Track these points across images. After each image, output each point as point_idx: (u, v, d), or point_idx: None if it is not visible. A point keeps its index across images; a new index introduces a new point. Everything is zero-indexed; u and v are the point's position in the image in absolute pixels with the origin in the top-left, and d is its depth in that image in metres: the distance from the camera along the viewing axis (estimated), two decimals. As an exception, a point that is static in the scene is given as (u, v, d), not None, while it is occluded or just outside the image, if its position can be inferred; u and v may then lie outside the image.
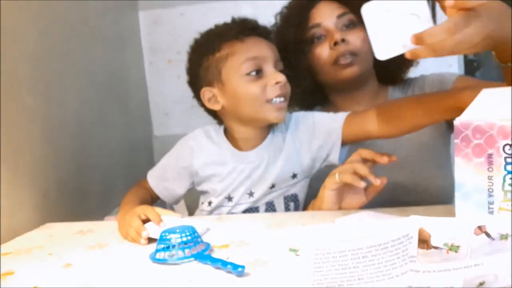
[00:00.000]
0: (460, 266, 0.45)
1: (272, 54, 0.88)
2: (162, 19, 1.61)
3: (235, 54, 0.86)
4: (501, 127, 0.55)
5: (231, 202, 0.93)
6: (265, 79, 0.86)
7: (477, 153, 0.56)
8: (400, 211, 0.80)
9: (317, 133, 0.92)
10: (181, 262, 0.65)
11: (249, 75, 0.85)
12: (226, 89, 0.88)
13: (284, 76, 0.86)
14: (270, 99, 0.85)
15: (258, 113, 0.87)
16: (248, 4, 1.56)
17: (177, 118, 1.65)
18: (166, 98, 1.65)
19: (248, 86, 0.85)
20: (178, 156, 0.96)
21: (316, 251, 0.41)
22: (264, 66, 0.86)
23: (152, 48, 1.63)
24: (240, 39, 0.87)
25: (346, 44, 0.97)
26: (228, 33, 0.88)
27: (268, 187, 0.92)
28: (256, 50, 0.86)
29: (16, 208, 0.92)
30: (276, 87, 0.85)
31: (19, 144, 0.94)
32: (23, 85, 0.97)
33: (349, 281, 0.43)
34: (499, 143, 0.55)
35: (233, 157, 0.92)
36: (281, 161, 0.92)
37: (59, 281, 0.63)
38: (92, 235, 0.84)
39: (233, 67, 0.86)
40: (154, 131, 1.66)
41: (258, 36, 0.89)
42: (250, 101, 0.86)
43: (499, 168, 0.55)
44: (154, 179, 0.98)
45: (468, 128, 0.56)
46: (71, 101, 1.15)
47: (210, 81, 0.89)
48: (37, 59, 1.02)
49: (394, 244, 0.43)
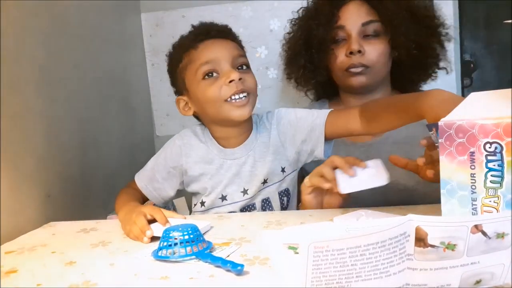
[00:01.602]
0: (457, 264, 0.46)
1: (227, 53, 0.89)
2: (164, 21, 1.62)
3: (192, 61, 0.90)
4: (481, 126, 0.56)
5: (226, 201, 0.95)
6: (221, 79, 0.88)
7: (460, 151, 0.58)
8: (398, 210, 0.81)
9: (300, 128, 0.93)
10: (183, 260, 0.66)
11: (205, 79, 0.88)
12: (192, 95, 0.92)
13: (238, 73, 0.87)
14: (227, 98, 0.87)
15: (220, 114, 0.89)
16: (248, 5, 1.56)
17: (178, 118, 1.65)
18: (168, 99, 1.65)
19: (205, 89, 0.88)
20: (167, 156, 0.98)
21: (315, 248, 0.42)
22: (219, 67, 0.88)
23: (154, 49, 1.64)
24: (194, 46, 0.91)
25: (361, 55, 1.00)
26: (185, 43, 0.93)
27: (260, 182, 0.94)
28: (208, 54, 0.89)
29: (20, 207, 0.93)
30: (232, 85, 0.87)
31: (22, 144, 0.95)
32: (27, 86, 0.98)
33: (347, 279, 0.43)
34: (480, 141, 0.56)
35: (219, 154, 0.95)
36: (269, 156, 0.94)
37: (62, 279, 0.64)
38: (95, 233, 0.85)
39: (191, 74, 0.90)
40: (156, 131, 1.67)
41: (212, 39, 0.91)
42: (210, 103, 0.89)
43: (480, 166, 0.57)
44: (142, 181, 0.99)
45: (451, 127, 0.58)
46: (74, 101, 1.16)
47: (181, 91, 0.95)
48: (40, 60, 1.03)
49: (391, 242, 0.43)
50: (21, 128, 0.95)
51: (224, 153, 0.94)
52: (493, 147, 0.56)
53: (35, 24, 1.02)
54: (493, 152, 0.56)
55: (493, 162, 0.56)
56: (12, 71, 0.93)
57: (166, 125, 1.67)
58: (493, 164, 0.56)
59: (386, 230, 0.43)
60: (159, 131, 1.67)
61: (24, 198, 0.95)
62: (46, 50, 1.05)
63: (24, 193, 0.95)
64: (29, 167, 0.97)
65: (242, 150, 0.94)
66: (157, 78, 1.65)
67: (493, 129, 0.56)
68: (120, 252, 0.73)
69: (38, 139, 1.01)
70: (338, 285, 0.43)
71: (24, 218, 0.93)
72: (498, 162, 0.56)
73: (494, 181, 0.56)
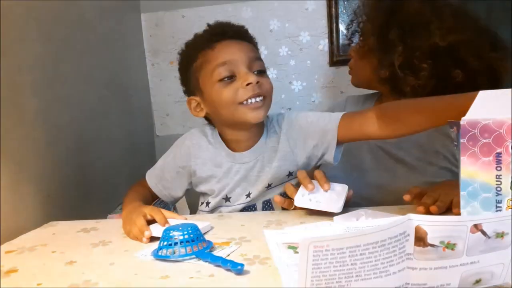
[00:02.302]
0: (457, 264, 0.46)
1: (244, 55, 0.87)
2: (163, 21, 1.62)
3: (207, 62, 0.88)
4: (509, 126, 0.55)
5: (229, 202, 0.95)
6: (237, 82, 0.86)
7: (485, 152, 0.56)
8: (398, 210, 0.81)
9: (311, 133, 0.92)
10: (183, 259, 0.66)
11: (222, 80, 0.86)
12: (205, 96, 0.90)
13: (256, 77, 0.85)
14: (243, 101, 0.86)
15: (234, 116, 0.87)
16: (248, 5, 1.57)
17: (178, 118, 1.66)
18: (168, 99, 1.66)
19: (221, 91, 0.86)
20: (176, 156, 0.97)
21: (315, 248, 0.42)
22: (235, 69, 0.86)
23: (154, 49, 1.64)
24: (210, 46, 0.89)
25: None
26: (201, 42, 0.90)
27: (264, 187, 0.93)
28: (225, 55, 0.87)
29: (20, 207, 0.93)
30: (249, 88, 0.85)
31: (23, 145, 0.95)
32: (27, 86, 0.98)
33: (347, 278, 0.43)
34: (508, 142, 0.55)
35: (228, 158, 0.94)
36: (276, 161, 0.93)
37: (62, 278, 0.64)
38: (95, 233, 0.85)
39: (207, 75, 0.88)
40: (156, 131, 1.67)
41: (229, 39, 0.89)
42: (225, 105, 0.87)
43: (507, 167, 0.55)
44: (153, 179, 0.99)
45: (475, 127, 0.56)
46: (74, 102, 1.16)
47: (193, 91, 0.92)
48: (40, 61, 1.03)
49: (391, 242, 0.43)
50: (21, 128, 0.95)
51: (233, 157, 0.94)
52: None
53: (35, 24, 1.02)
54: None
55: None
56: (12, 71, 0.93)
57: (166, 125, 1.67)
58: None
59: (385, 229, 0.43)
60: (159, 131, 1.68)
61: (24, 198, 0.95)
62: (46, 50, 1.05)
63: (24, 193, 0.95)
64: (29, 167, 0.97)
65: (251, 154, 0.93)
66: (157, 78, 1.65)
67: None
68: (120, 252, 0.74)
69: (38, 139, 1.01)
70: (337, 284, 0.43)
71: (24, 218, 0.93)
72: None
73: None
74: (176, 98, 1.64)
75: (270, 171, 0.93)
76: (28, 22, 1.00)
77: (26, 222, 0.93)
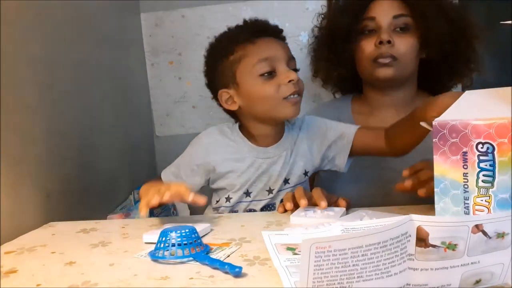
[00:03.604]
0: (457, 264, 0.46)
1: (284, 53, 0.91)
2: (163, 21, 1.62)
3: (248, 56, 0.90)
4: (474, 126, 0.58)
5: (249, 197, 0.96)
6: (278, 78, 0.89)
7: (453, 151, 0.59)
8: (398, 210, 0.81)
9: (329, 136, 0.96)
10: (180, 261, 0.66)
11: (263, 75, 0.89)
12: (242, 90, 0.91)
13: (296, 74, 0.89)
14: (285, 97, 0.88)
15: (274, 111, 0.90)
16: (248, 5, 1.56)
17: (178, 118, 1.66)
18: (168, 99, 1.65)
19: (262, 86, 0.89)
20: (192, 154, 0.97)
21: (317, 249, 0.42)
22: (276, 66, 0.89)
23: (153, 49, 1.64)
24: (251, 41, 0.90)
25: (391, 46, 1.00)
26: (240, 36, 0.92)
27: (282, 181, 0.96)
28: (267, 51, 0.89)
29: (20, 208, 0.93)
30: (290, 85, 0.88)
31: (22, 144, 0.95)
32: (27, 86, 0.98)
33: (349, 279, 0.43)
34: (472, 142, 0.58)
35: (251, 152, 0.95)
36: (296, 158, 0.96)
37: (62, 279, 0.64)
38: (95, 233, 0.85)
39: (246, 68, 0.90)
40: (156, 131, 1.67)
41: (269, 36, 0.92)
42: (266, 100, 0.89)
43: (473, 165, 0.58)
44: (168, 176, 0.99)
45: (444, 127, 0.60)
46: (74, 101, 1.16)
47: (226, 83, 0.93)
48: (40, 60, 1.03)
49: (393, 243, 0.43)
50: (21, 128, 0.95)
51: (256, 151, 0.95)
52: (485, 147, 0.57)
53: (35, 24, 1.02)
54: (485, 152, 0.57)
55: (485, 162, 0.57)
56: (12, 71, 0.93)
57: (166, 125, 1.67)
58: (485, 164, 0.57)
59: (387, 230, 0.43)
60: (158, 131, 1.67)
61: (24, 198, 0.95)
62: (45, 49, 1.05)
63: (24, 193, 0.95)
64: (29, 167, 0.97)
65: (275, 149, 0.95)
66: (157, 78, 1.65)
67: (485, 129, 0.57)
68: (120, 252, 0.73)
69: (38, 139, 1.01)
70: (339, 285, 0.43)
71: (24, 218, 0.93)
72: (490, 162, 0.57)
73: (486, 181, 0.58)
74: (175, 98, 1.64)
75: (291, 167, 0.96)
76: (28, 22, 1.00)
77: (26, 223, 0.93)
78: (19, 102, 0.95)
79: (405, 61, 1.02)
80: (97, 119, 1.27)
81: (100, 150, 1.27)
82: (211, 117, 1.60)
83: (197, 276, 0.61)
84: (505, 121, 0.57)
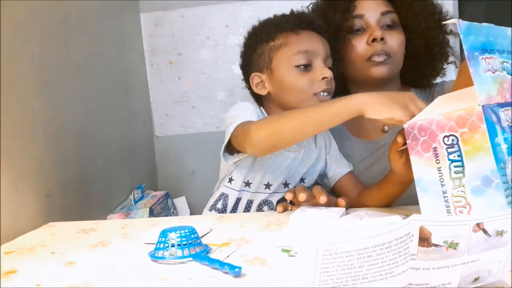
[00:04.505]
0: (458, 263, 0.46)
1: (323, 50, 0.91)
2: (163, 21, 1.62)
3: (288, 45, 0.90)
4: (437, 121, 0.61)
5: (269, 190, 0.96)
6: (313, 73, 0.89)
7: (425, 149, 0.62)
8: (398, 210, 0.81)
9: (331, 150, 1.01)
10: (180, 261, 0.66)
11: (299, 67, 0.89)
12: (275, 77, 0.92)
13: (331, 72, 0.89)
14: (316, 93, 0.89)
15: (301, 104, 0.89)
16: (248, 5, 1.56)
17: (178, 118, 1.66)
18: (167, 99, 1.65)
19: (296, 78, 0.89)
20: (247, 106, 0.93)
21: (324, 252, 0.41)
22: (313, 60, 0.90)
23: (153, 49, 1.64)
24: (295, 31, 0.91)
25: (384, 43, 0.99)
26: (285, 25, 0.93)
27: (299, 178, 0.97)
28: (308, 44, 0.90)
29: (20, 208, 0.92)
30: (323, 82, 0.89)
31: (22, 145, 0.95)
32: (26, 86, 0.98)
33: (354, 281, 0.43)
34: (439, 136, 0.61)
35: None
36: (313, 158, 0.98)
37: (62, 279, 0.64)
38: (95, 233, 0.85)
39: (284, 57, 0.90)
40: (156, 131, 1.67)
41: (312, 30, 0.93)
42: (297, 92, 0.90)
43: (443, 159, 0.61)
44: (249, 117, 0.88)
45: (414, 128, 0.63)
46: (74, 102, 1.15)
47: (261, 68, 0.94)
48: (40, 60, 1.03)
49: (397, 243, 0.43)
50: (20, 128, 0.95)
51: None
52: (450, 139, 0.60)
53: (34, 24, 1.02)
54: (451, 144, 0.60)
55: (453, 154, 0.60)
56: (12, 71, 0.92)
57: (165, 125, 1.67)
58: (453, 155, 0.60)
59: (393, 230, 0.43)
60: (158, 131, 1.67)
61: (24, 198, 0.94)
62: (45, 50, 1.05)
63: (24, 193, 0.94)
64: (29, 167, 0.96)
65: (296, 145, 0.95)
66: (156, 78, 1.65)
67: (447, 122, 0.60)
68: (119, 253, 0.73)
69: (38, 139, 1.00)
70: (344, 287, 0.43)
71: (23, 218, 0.93)
72: (457, 153, 0.60)
73: (457, 171, 0.60)
74: (175, 98, 1.64)
75: (307, 165, 0.97)
76: (27, 22, 0.99)
77: (26, 223, 0.92)
78: (18, 103, 0.95)
79: (397, 58, 1.01)
80: (96, 120, 1.27)
81: (100, 151, 1.27)
82: (211, 117, 1.60)
83: (197, 276, 0.61)
84: (462, 112, 0.59)
